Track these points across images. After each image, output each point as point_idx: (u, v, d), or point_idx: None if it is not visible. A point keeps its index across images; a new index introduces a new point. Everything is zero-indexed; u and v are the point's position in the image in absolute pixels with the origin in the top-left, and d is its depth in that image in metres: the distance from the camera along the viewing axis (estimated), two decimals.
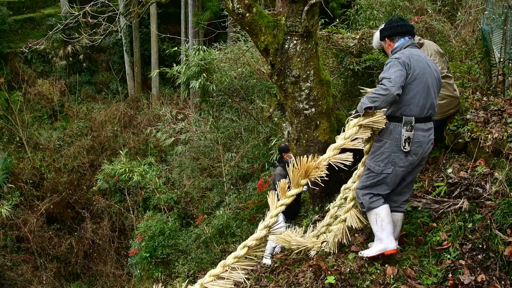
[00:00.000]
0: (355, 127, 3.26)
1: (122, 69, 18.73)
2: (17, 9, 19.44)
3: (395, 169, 3.20)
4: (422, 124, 3.17)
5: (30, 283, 11.74)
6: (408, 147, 3.14)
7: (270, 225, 3.30)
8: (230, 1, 4.37)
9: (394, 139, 3.18)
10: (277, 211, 3.30)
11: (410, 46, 3.30)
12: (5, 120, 15.73)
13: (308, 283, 3.26)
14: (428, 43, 4.42)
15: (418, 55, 3.22)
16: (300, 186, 3.31)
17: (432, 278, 3.12)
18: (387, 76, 3.11)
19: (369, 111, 3.17)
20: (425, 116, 3.18)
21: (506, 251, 2.96)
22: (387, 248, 3.24)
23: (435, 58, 4.25)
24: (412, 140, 3.14)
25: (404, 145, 3.14)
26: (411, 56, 3.17)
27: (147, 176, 10.25)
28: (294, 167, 3.27)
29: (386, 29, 3.44)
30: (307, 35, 4.50)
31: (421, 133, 3.16)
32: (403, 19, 3.51)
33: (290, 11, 4.44)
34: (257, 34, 4.52)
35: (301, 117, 4.82)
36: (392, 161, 3.19)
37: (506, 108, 4.16)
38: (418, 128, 3.15)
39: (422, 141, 3.17)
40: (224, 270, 3.26)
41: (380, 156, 3.24)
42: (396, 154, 3.18)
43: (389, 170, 3.21)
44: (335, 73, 6.60)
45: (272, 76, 4.76)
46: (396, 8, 7.60)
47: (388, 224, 3.25)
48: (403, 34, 3.35)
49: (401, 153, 3.17)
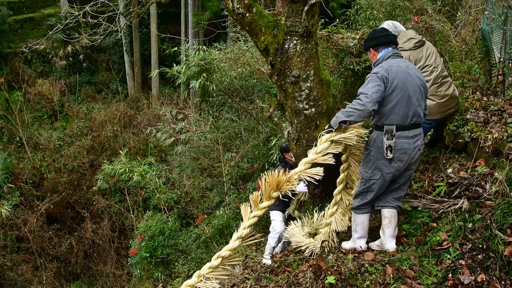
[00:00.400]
0: (326, 142, 3.40)
1: (122, 69, 18.72)
2: (17, 9, 19.44)
3: (382, 175, 3.38)
4: (405, 132, 3.30)
5: (30, 283, 11.74)
6: (391, 155, 3.30)
7: (243, 236, 3.38)
8: (230, 1, 4.37)
9: (378, 147, 3.36)
10: (250, 222, 3.41)
11: (392, 56, 3.44)
12: (5, 120, 15.73)
13: (308, 283, 3.26)
14: (428, 42, 4.43)
15: (397, 66, 3.34)
16: (272, 199, 3.42)
17: (432, 278, 3.12)
18: (364, 91, 3.24)
19: (343, 125, 3.33)
20: (409, 124, 3.31)
21: (506, 251, 2.96)
22: (357, 248, 3.63)
23: (436, 57, 4.25)
24: (395, 148, 3.30)
25: (386, 152, 3.31)
26: (389, 69, 3.30)
27: (147, 176, 10.25)
28: (266, 181, 3.39)
29: (370, 40, 3.58)
30: (307, 35, 4.49)
31: (405, 140, 3.30)
32: (386, 29, 3.66)
33: (290, 11, 4.44)
34: (257, 34, 4.52)
35: (301, 117, 4.82)
36: (378, 168, 3.38)
37: (506, 108, 4.16)
38: (400, 136, 3.30)
39: (407, 148, 3.31)
40: (199, 280, 3.33)
41: (367, 163, 3.44)
42: (381, 161, 3.36)
43: (377, 176, 3.40)
44: (335, 73, 6.60)
45: (272, 76, 4.76)
46: (396, 8, 7.59)
47: (361, 230, 3.61)
48: (386, 44, 3.49)
49: (385, 160, 3.34)
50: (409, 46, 4.21)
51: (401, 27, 4.43)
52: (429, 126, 4.30)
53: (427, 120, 4.12)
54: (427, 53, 4.20)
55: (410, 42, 4.22)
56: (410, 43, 4.22)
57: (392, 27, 4.37)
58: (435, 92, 4.10)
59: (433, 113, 4.12)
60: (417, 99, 3.34)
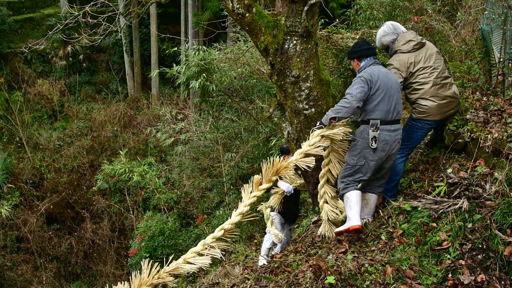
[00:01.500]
0: (318, 136, 3.94)
1: (122, 69, 18.72)
2: (17, 9, 19.44)
3: (367, 162, 3.88)
4: (387, 126, 3.84)
5: (30, 283, 11.74)
6: (375, 145, 3.82)
7: (243, 212, 3.86)
8: (230, 1, 4.37)
9: (364, 138, 3.86)
10: (250, 201, 3.88)
11: (373, 64, 4.00)
12: (5, 120, 15.73)
13: (308, 283, 3.26)
14: (429, 43, 4.43)
15: (378, 71, 3.90)
16: (271, 182, 3.90)
17: (432, 278, 3.12)
18: (350, 92, 3.81)
19: (333, 121, 3.87)
20: (391, 119, 3.84)
21: (506, 251, 2.96)
22: (352, 224, 3.84)
23: (437, 57, 4.24)
24: (378, 139, 3.82)
25: (372, 143, 3.82)
26: (372, 73, 3.86)
27: (147, 176, 10.25)
28: (267, 166, 3.86)
29: (354, 52, 4.13)
30: (307, 35, 4.50)
31: (387, 133, 3.83)
32: (367, 42, 4.20)
33: (290, 11, 4.44)
34: (257, 34, 4.52)
35: (301, 117, 4.83)
36: (364, 156, 3.88)
37: (506, 108, 4.16)
38: (383, 129, 3.82)
39: (388, 140, 3.84)
40: (204, 248, 3.81)
41: (354, 152, 3.93)
42: (366, 150, 3.86)
43: (361, 162, 3.89)
44: (335, 73, 6.60)
45: (272, 76, 4.76)
46: (396, 8, 7.59)
47: (355, 205, 3.89)
48: (368, 56, 4.05)
49: (370, 149, 3.85)
50: (408, 49, 4.23)
51: (401, 28, 4.44)
52: (429, 127, 4.30)
53: (427, 121, 4.16)
54: (426, 54, 4.20)
55: (409, 44, 4.24)
56: (409, 45, 4.23)
57: (392, 28, 4.39)
58: (435, 93, 4.10)
59: (433, 114, 4.12)
60: (397, 98, 3.87)
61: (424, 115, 4.14)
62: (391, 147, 3.86)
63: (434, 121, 4.20)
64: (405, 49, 4.23)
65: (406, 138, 4.26)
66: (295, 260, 4.03)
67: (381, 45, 4.55)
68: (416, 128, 4.23)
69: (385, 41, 4.45)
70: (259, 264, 4.92)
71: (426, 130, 4.30)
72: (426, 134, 4.46)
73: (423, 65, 4.16)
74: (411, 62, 4.17)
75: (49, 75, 17.96)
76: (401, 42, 4.27)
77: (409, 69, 4.16)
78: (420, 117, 4.16)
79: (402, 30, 4.41)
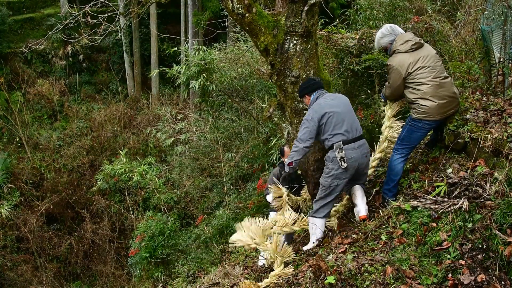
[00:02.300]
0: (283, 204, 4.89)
1: (122, 69, 18.72)
2: (17, 9, 19.44)
3: (340, 181, 4.19)
4: (351, 144, 4.12)
5: (30, 283, 11.74)
6: (345, 164, 4.10)
7: None
8: (230, 1, 4.37)
9: (334, 162, 4.16)
10: None
11: (319, 96, 4.36)
12: (5, 120, 15.73)
13: (308, 283, 3.26)
14: (427, 45, 4.43)
15: (324, 101, 4.26)
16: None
17: (432, 278, 3.12)
18: (298, 135, 4.26)
19: (291, 166, 4.26)
20: (352, 138, 4.14)
21: (506, 251, 2.96)
22: (309, 248, 4.31)
23: (435, 58, 4.25)
24: (346, 158, 4.10)
25: (341, 163, 4.10)
26: (318, 107, 4.23)
27: (147, 176, 10.24)
28: None
29: (305, 88, 4.45)
30: (307, 35, 4.49)
31: (353, 151, 4.12)
32: (314, 78, 4.50)
33: (290, 11, 4.44)
34: (257, 34, 4.52)
35: (301, 117, 4.82)
36: (337, 177, 4.17)
37: (506, 108, 4.16)
38: (348, 149, 4.10)
39: (355, 156, 4.12)
40: None
41: (328, 175, 4.21)
42: (338, 171, 4.15)
43: (335, 183, 4.19)
44: (335, 73, 6.60)
45: (272, 76, 4.76)
46: (396, 8, 7.59)
47: (320, 233, 4.30)
48: (315, 90, 4.40)
49: (341, 169, 4.13)
50: (406, 48, 4.26)
51: (399, 30, 4.46)
52: (429, 127, 4.30)
53: (427, 121, 4.17)
54: (424, 54, 4.23)
55: (407, 44, 4.27)
56: (407, 45, 4.26)
57: (390, 30, 4.42)
58: (435, 93, 4.11)
59: (433, 114, 4.13)
60: (349, 117, 4.20)
61: (424, 115, 4.14)
62: (361, 161, 4.18)
63: (434, 121, 4.20)
64: (403, 49, 4.25)
65: (406, 138, 4.29)
66: (295, 260, 4.03)
67: (380, 47, 4.59)
68: (416, 128, 4.23)
69: (383, 42, 4.47)
70: (259, 264, 4.93)
71: (426, 130, 4.30)
72: (426, 134, 4.46)
73: (422, 64, 4.17)
74: (409, 62, 4.18)
75: (49, 75, 17.96)
76: (399, 42, 4.30)
77: (407, 69, 4.17)
78: (420, 117, 4.16)
79: (400, 32, 4.43)
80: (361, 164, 4.19)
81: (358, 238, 3.95)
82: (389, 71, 4.33)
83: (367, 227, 4.08)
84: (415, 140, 4.31)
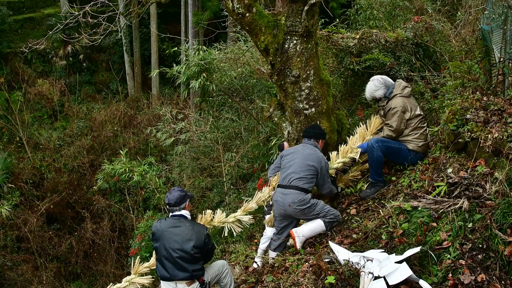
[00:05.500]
0: None
1: (122, 69, 18.72)
2: (17, 9, 19.44)
3: (275, 215, 4.63)
4: (281, 189, 4.48)
5: (30, 283, 11.73)
6: (271, 202, 4.71)
7: None
8: (230, 1, 4.37)
9: None
10: None
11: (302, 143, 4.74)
12: (5, 120, 15.72)
13: (308, 283, 3.26)
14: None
15: (296, 148, 4.66)
16: None
17: (432, 278, 3.12)
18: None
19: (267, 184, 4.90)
20: (285, 184, 4.44)
21: (506, 251, 2.96)
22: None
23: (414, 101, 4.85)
24: (273, 198, 4.60)
25: (272, 200, 4.68)
26: (288, 150, 4.69)
27: (147, 176, 10.22)
28: None
29: (322, 134, 4.78)
30: (307, 35, 4.50)
31: (280, 194, 4.46)
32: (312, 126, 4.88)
33: (290, 11, 4.44)
34: (257, 34, 4.52)
35: (301, 117, 4.83)
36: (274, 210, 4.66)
37: (506, 108, 4.15)
38: (278, 191, 4.53)
39: (279, 201, 4.46)
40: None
41: None
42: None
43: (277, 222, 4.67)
44: (335, 73, 6.60)
45: (272, 76, 4.76)
46: (396, 8, 7.59)
47: None
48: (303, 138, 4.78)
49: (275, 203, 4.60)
50: (407, 93, 4.81)
51: (389, 80, 4.96)
52: (418, 157, 4.75)
53: (420, 153, 4.73)
54: (415, 102, 4.87)
55: (407, 90, 4.83)
56: (407, 91, 4.83)
57: (382, 82, 4.92)
58: (427, 135, 4.78)
59: (425, 150, 4.76)
60: (299, 166, 4.43)
61: (420, 149, 4.73)
62: (284, 208, 4.44)
63: (423, 153, 4.76)
64: (405, 93, 4.79)
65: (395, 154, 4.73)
66: (295, 260, 4.03)
67: (373, 98, 5.04)
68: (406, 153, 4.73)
69: (378, 95, 4.95)
70: (254, 266, 4.95)
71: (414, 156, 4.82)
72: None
73: (420, 112, 4.78)
74: (411, 106, 4.74)
75: (49, 75, 17.96)
76: (399, 88, 4.82)
77: (411, 111, 4.70)
78: (415, 150, 4.72)
79: (391, 82, 4.94)
80: (285, 210, 4.46)
81: (359, 238, 3.95)
82: (394, 113, 4.70)
83: (368, 227, 4.08)
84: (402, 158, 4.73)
